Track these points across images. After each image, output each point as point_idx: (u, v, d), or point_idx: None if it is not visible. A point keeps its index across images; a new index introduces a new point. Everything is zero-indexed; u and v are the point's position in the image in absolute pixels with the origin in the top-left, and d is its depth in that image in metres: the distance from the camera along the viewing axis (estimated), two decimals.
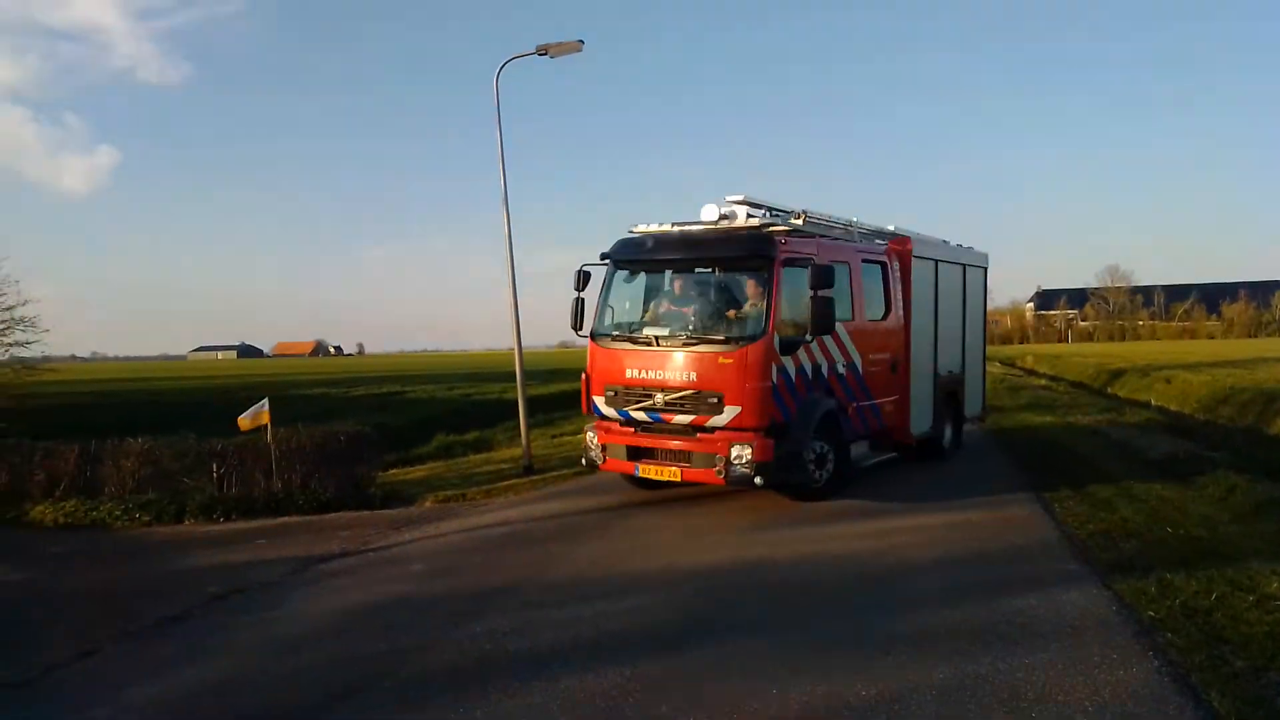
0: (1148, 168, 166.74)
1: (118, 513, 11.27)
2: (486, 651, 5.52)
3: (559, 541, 8.67)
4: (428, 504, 11.44)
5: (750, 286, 9.55)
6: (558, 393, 29.43)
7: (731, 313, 9.65)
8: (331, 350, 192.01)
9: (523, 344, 14.28)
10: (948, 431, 13.24)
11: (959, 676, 4.80)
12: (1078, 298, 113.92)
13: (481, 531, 9.50)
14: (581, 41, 13.30)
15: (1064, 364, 42.27)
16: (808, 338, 9.48)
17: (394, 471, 14.95)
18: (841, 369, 10.30)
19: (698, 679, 4.92)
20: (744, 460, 8.99)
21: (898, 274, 11.65)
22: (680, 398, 9.44)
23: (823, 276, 9.11)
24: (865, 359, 10.70)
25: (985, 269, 14.73)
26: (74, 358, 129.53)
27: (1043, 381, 34.97)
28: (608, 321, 10.44)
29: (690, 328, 9.66)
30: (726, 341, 9.25)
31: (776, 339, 9.19)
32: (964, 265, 13.66)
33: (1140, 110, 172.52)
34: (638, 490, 10.95)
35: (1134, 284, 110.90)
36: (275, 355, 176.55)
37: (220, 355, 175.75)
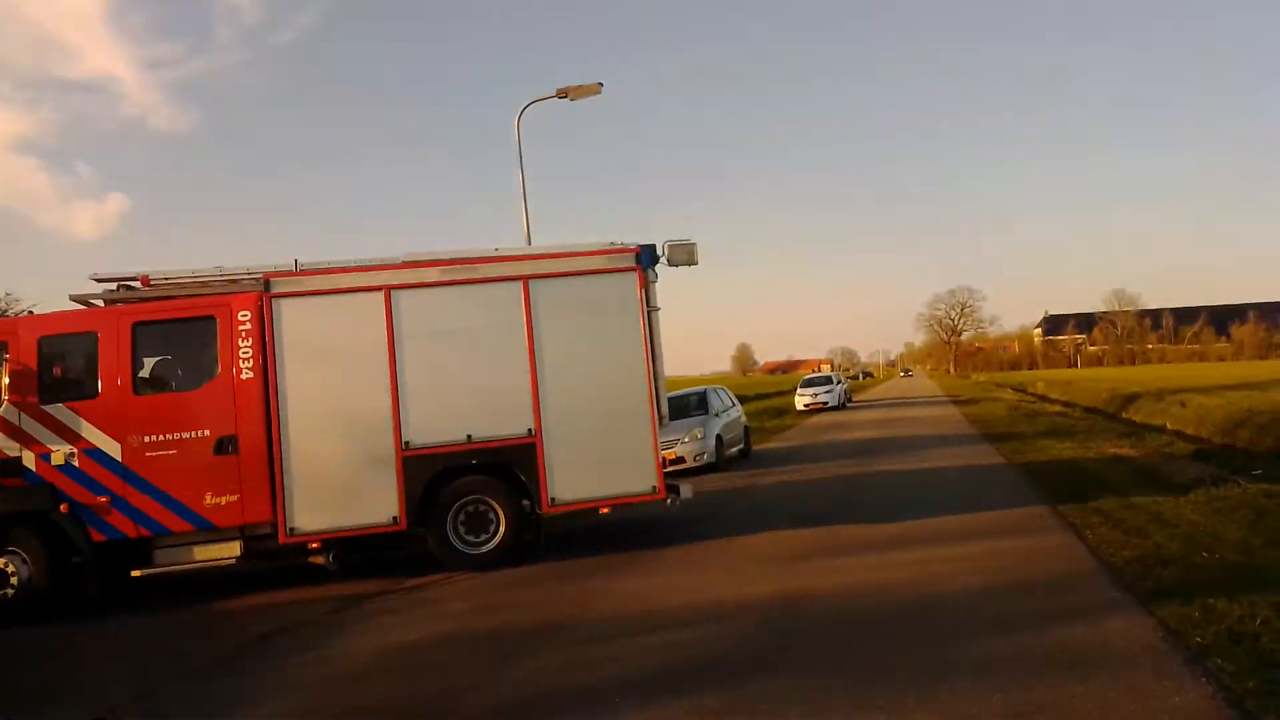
0: (1152, 189, 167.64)
1: None
2: (544, 688, 5.59)
3: (596, 577, 8.74)
4: None
5: None
6: None
7: None
8: None
9: None
10: (451, 527, 9.47)
11: (1018, 704, 4.85)
12: (1085, 322, 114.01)
13: (512, 570, 9.56)
14: (600, 84, 13.63)
15: (1076, 389, 42.20)
16: None
17: None
18: (64, 459, 8.90)
19: (760, 713, 4.98)
20: None
21: (250, 327, 9.23)
22: None
23: None
24: (131, 444, 8.99)
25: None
26: None
27: (1057, 408, 34.91)
28: None
29: None
30: None
31: None
32: (514, 279, 9.57)
33: (1142, 130, 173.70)
34: (662, 526, 11.06)
35: (1141, 307, 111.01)
36: None
37: None
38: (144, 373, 9.48)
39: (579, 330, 9.52)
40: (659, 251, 9.94)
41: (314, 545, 9.16)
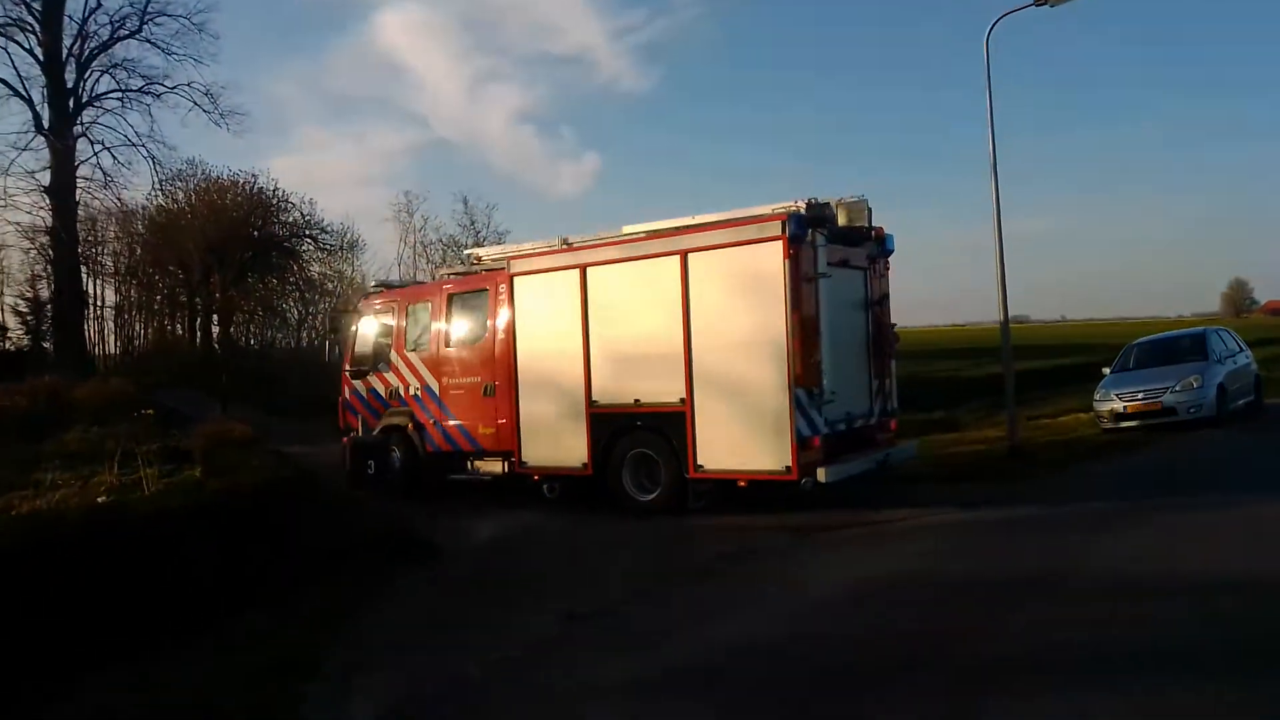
0: None
1: None
2: (1037, 646, 5.05)
3: (1078, 531, 7.80)
4: None
5: None
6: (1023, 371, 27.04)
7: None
8: None
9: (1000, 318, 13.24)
10: (627, 480, 10.08)
11: None
12: None
13: (978, 513, 8.94)
14: None
15: None
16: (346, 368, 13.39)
17: None
18: (415, 392, 12.16)
19: None
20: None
21: (503, 298, 11.18)
22: None
23: (334, 322, 13.14)
24: (443, 384, 11.87)
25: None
26: None
27: None
28: None
29: None
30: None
31: (346, 369, 13.37)
32: (679, 253, 9.58)
33: None
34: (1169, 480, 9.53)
35: None
36: None
37: None
38: (451, 331, 11.99)
39: (726, 303, 9.29)
40: (829, 213, 9.38)
41: (536, 477, 10.80)
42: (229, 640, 6.11)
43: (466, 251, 13.70)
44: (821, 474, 8.74)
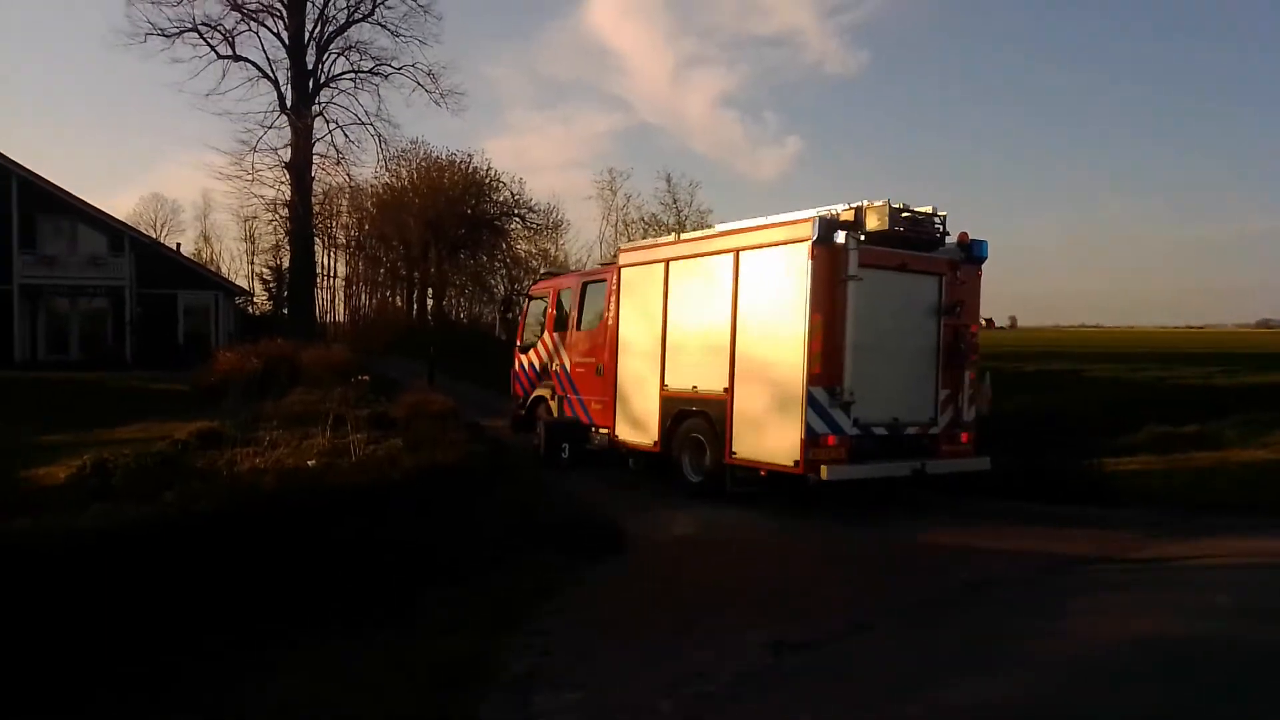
0: None
1: None
2: None
3: None
4: None
5: None
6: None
7: None
8: (983, 323, 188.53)
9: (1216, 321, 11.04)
10: (687, 465, 10.67)
11: None
12: None
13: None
14: None
15: None
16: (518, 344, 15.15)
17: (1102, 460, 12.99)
18: (556, 368, 13.61)
19: None
20: None
21: (614, 287, 12.26)
22: None
23: (505, 304, 18.51)
24: (572, 362, 13.18)
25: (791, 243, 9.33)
26: None
27: None
28: None
29: None
30: None
31: (518, 344, 15.19)
32: (731, 251, 10.08)
33: None
34: None
35: None
36: None
37: None
38: (582, 316, 13.21)
39: (765, 300, 9.62)
40: (858, 217, 9.11)
41: (623, 451, 11.88)
42: (406, 629, 5.71)
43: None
44: (824, 471, 8.68)
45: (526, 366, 14.64)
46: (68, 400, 19.98)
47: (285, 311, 40.44)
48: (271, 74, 34.44)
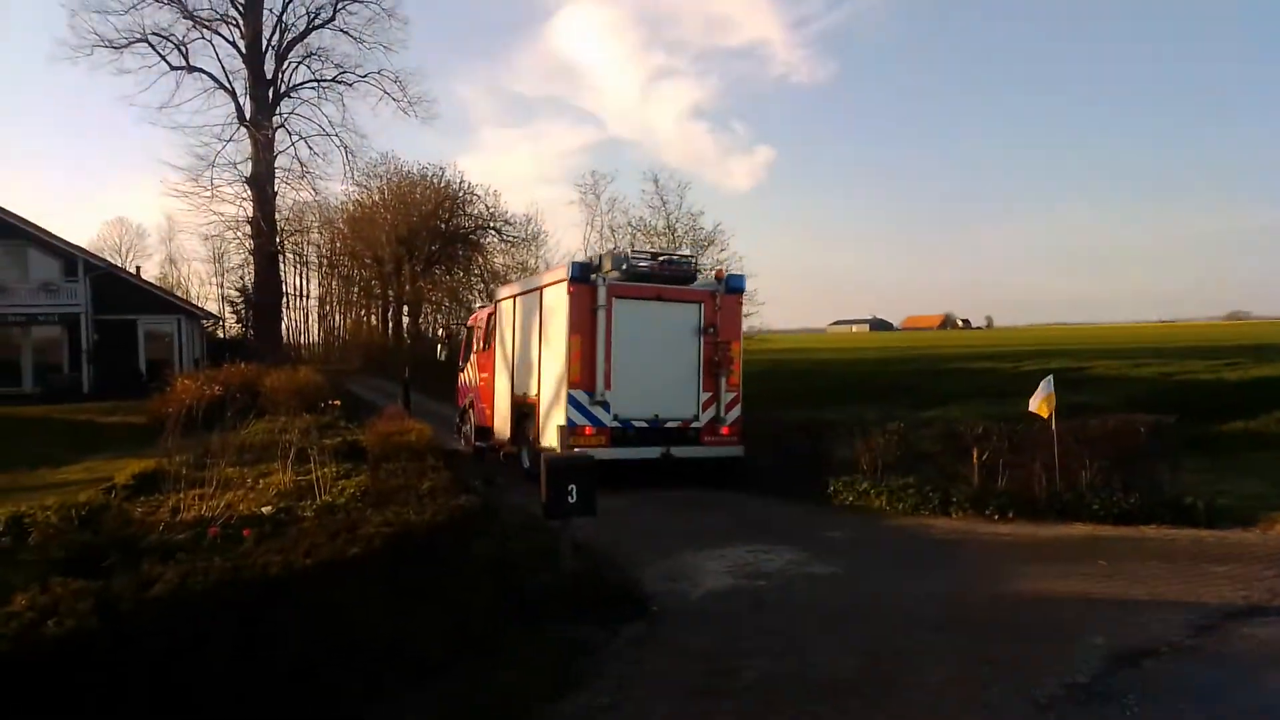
0: None
1: (875, 493, 10.26)
2: None
3: None
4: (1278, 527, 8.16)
5: None
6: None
7: None
8: (959, 323, 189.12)
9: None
10: (524, 453, 13.11)
11: None
12: None
13: None
14: None
15: None
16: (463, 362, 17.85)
17: None
18: (471, 382, 16.81)
19: None
20: None
21: (496, 317, 15.40)
22: None
23: (446, 336, 23.37)
24: (478, 378, 16.24)
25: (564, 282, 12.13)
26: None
27: None
28: None
29: None
30: None
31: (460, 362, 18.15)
32: (539, 289, 13.19)
33: None
34: None
35: None
36: (904, 329, 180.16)
37: (854, 329, 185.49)
38: (482, 341, 16.01)
39: (550, 327, 12.36)
40: (596, 263, 12.01)
41: (498, 445, 14.74)
42: None
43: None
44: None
45: (461, 383, 17.82)
46: (11, 436, 18.19)
47: (251, 333, 38.59)
48: (229, 84, 32.80)
